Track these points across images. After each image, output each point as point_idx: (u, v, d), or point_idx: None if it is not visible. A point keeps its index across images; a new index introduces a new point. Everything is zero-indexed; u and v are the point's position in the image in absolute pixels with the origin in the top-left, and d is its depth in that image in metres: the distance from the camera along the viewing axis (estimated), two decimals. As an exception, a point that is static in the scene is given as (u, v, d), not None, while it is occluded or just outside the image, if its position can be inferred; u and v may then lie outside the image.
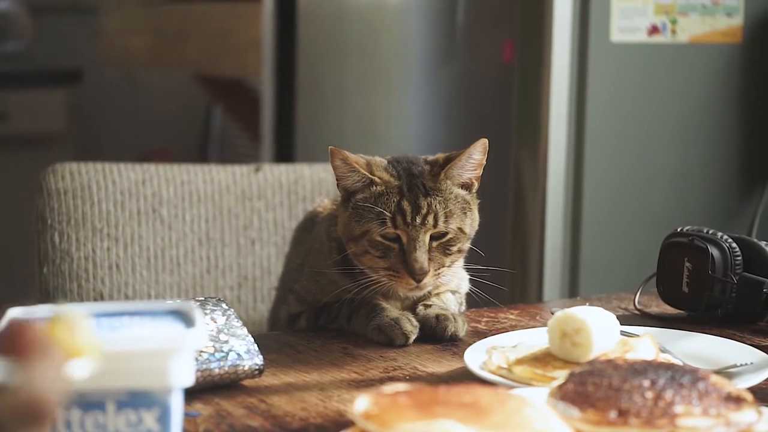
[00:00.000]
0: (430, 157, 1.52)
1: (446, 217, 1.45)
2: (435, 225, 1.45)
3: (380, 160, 1.51)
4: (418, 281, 1.44)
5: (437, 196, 1.46)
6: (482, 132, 1.58)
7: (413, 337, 1.47)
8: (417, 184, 1.46)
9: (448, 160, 1.49)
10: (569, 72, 2.44)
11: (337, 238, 1.55)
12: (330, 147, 1.46)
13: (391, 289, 1.51)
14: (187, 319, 1.01)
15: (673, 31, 2.50)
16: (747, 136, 2.60)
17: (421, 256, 1.43)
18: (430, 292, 1.54)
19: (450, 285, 1.58)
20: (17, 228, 3.17)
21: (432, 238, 1.45)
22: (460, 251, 1.49)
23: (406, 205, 1.44)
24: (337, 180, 1.49)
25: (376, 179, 1.47)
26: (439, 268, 1.46)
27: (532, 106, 2.49)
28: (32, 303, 1.15)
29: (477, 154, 1.48)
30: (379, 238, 1.45)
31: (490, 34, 2.67)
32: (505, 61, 2.58)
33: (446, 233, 1.46)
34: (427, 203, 1.45)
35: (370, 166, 1.49)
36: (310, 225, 1.72)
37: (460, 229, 1.47)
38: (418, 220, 1.44)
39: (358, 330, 1.51)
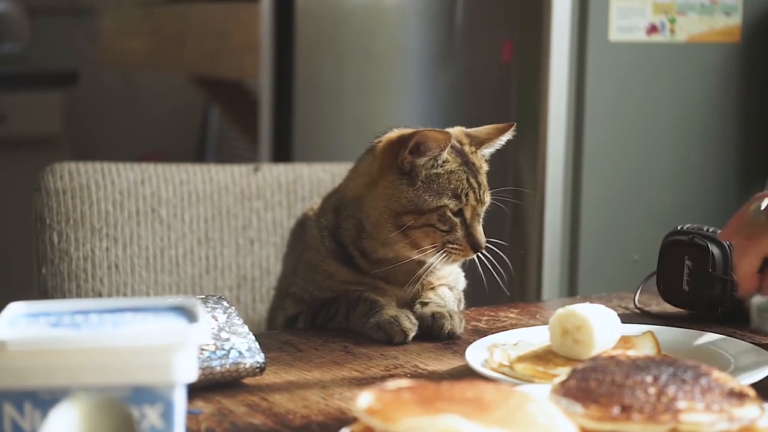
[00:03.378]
0: (449, 130, 1.55)
1: (487, 193, 1.53)
2: (487, 201, 1.52)
3: None
4: (477, 252, 1.50)
5: (482, 173, 1.53)
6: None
7: (412, 334, 1.47)
8: (468, 161, 1.52)
9: (481, 140, 1.55)
10: (568, 71, 2.44)
11: (329, 227, 1.56)
12: (435, 130, 1.47)
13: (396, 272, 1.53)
14: (189, 315, 1.01)
15: (672, 31, 2.50)
16: (745, 134, 2.61)
17: (481, 229, 1.50)
18: (424, 286, 1.56)
19: (447, 279, 1.58)
20: (15, 229, 3.16)
21: None
22: None
23: (473, 181, 1.50)
24: (412, 154, 1.48)
25: (449, 159, 1.50)
26: None
27: (530, 105, 2.49)
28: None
29: (507, 137, 1.57)
30: (450, 214, 1.48)
31: (489, 34, 2.67)
32: (503, 61, 2.58)
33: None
34: (482, 180, 1.52)
35: None
36: (301, 230, 1.72)
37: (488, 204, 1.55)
38: (482, 196, 1.51)
39: (356, 327, 1.52)
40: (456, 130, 1.56)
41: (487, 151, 1.56)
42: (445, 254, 1.48)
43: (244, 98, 3.76)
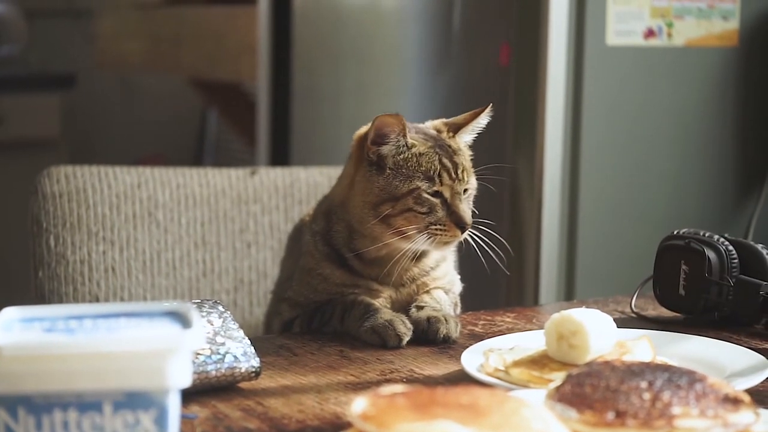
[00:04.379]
0: (428, 123, 1.59)
1: (469, 173, 1.54)
2: (468, 180, 1.53)
3: None
4: (464, 230, 1.50)
5: (461, 154, 1.54)
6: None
7: (406, 338, 1.48)
8: (443, 144, 1.53)
9: (457, 125, 1.57)
10: (565, 75, 2.44)
11: (321, 231, 1.57)
12: (386, 115, 1.49)
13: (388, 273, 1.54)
14: (184, 320, 1.01)
15: (669, 35, 2.50)
16: (743, 139, 2.61)
17: (466, 207, 1.51)
18: (419, 288, 1.56)
19: (443, 282, 1.59)
20: (12, 232, 3.16)
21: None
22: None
23: (446, 162, 1.51)
24: (374, 144, 1.50)
25: (415, 143, 1.51)
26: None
27: (528, 109, 2.49)
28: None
29: (484, 119, 1.58)
30: (426, 195, 1.49)
31: (487, 37, 2.67)
32: (501, 64, 2.58)
33: (468, 188, 1.53)
34: (460, 160, 1.52)
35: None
36: (299, 235, 1.72)
37: (474, 186, 1.55)
38: (459, 175, 1.51)
39: (351, 331, 1.52)
40: (435, 121, 1.59)
41: (468, 136, 1.58)
42: (429, 236, 1.49)
43: (241, 101, 3.76)
